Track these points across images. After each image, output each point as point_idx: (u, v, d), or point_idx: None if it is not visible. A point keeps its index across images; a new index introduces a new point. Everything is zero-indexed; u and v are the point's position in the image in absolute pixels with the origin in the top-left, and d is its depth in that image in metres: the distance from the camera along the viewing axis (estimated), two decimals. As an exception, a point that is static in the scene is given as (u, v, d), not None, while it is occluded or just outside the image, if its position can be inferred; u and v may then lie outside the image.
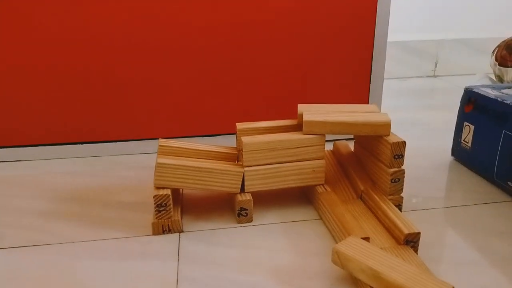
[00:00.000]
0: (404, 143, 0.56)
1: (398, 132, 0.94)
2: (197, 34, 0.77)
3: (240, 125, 0.62)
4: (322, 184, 0.61)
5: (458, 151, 0.77)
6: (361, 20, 0.80)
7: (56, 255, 0.53)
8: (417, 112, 1.07)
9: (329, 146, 0.77)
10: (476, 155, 0.71)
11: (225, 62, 0.79)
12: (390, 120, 0.58)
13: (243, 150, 0.57)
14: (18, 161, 0.80)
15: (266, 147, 0.58)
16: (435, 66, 1.38)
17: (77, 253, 0.53)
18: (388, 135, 0.58)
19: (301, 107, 0.63)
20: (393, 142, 0.56)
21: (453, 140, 0.78)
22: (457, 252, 0.53)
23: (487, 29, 1.37)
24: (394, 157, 0.57)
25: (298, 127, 0.63)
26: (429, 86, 1.31)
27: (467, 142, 0.73)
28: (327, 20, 0.79)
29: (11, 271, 0.50)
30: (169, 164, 0.56)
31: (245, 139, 0.58)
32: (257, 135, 0.59)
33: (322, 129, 0.58)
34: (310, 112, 0.60)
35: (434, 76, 1.39)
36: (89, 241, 0.56)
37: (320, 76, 0.82)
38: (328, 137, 0.83)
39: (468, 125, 0.73)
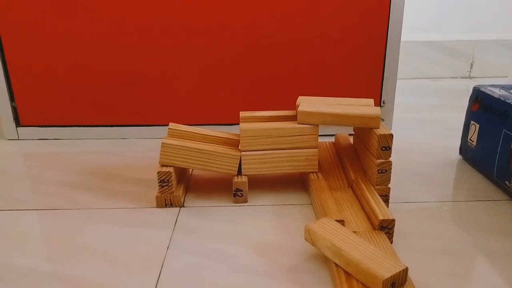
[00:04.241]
0: (391, 135, 0.59)
1: (413, 130, 0.96)
2: (212, 32, 0.83)
3: (243, 113, 0.67)
4: (316, 172, 0.65)
5: (465, 150, 0.77)
6: (374, 18, 0.82)
7: (69, 218, 0.61)
8: (440, 112, 1.07)
9: (331, 139, 0.80)
10: (479, 154, 0.71)
11: (241, 59, 0.84)
12: (380, 114, 0.60)
13: (240, 135, 0.62)
14: (56, 139, 0.90)
15: (262, 134, 0.63)
16: (471, 67, 1.35)
17: (89, 218, 0.61)
18: (378, 128, 0.60)
19: (300, 99, 0.67)
20: (380, 134, 0.59)
21: (461, 139, 0.78)
22: (436, 243, 0.55)
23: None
24: (382, 149, 0.59)
25: (296, 117, 0.67)
26: (462, 87, 1.29)
27: (473, 141, 0.73)
28: (340, 17, 0.82)
29: (30, 229, 0.58)
30: (172, 145, 0.62)
31: (242, 125, 0.63)
32: (256, 123, 0.64)
33: (315, 120, 0.62)
34: (307, 103, 0.64)
35: (470, 77, 1.36)
36: (101, 208, 0.63)
37: (333, 74, 0.85)
38: (331, 130, 0.86)
39: (474, 124, 0.73)
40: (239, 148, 0.66)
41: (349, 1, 0.81)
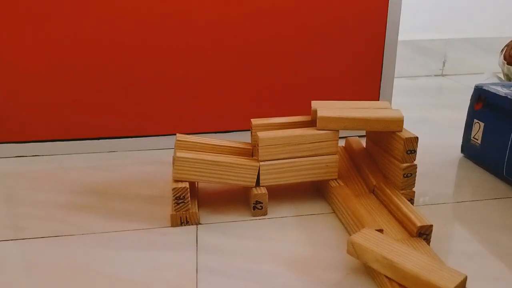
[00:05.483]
0: (416, 138, 0.58)
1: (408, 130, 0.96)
2: (210, 33, 0.78)
3: (255, 121, 0.64)
4: (335, 179, 0.63)
5: (467, 148, 0.78)
6: (372, 18, 0.81)
7: (77, 245, 0.55)
8: (426, 110, 1.08)
9: (341, 143, 0.78)
10: (486, 152, 0.72)
11: (237, 60, 0.81)
12: (403, 116, 0.59)
13: (259, 145, 0.59)
14: (35, 156, 0.82)
15: (281, 142, 0.59)
16: (443, 65, 1.39)
17: (98, 243, 0.55)
18: (401, 131, 0.59)
19: (314, 104, 0.64)
20: (406, 138, 0.57)
21: (463, 137, 0.79)
22: (467, 245, 0.55)
23: (495, 29, 1.38)
24: (407, 152, 0.58)
25: (311, 123, 0.64)
26: (437, 85, 1.32)
27: (477, 139, 0.74)
28: (339, 18, 0.80)
29: (33, 261, 0.52)
30: (187, 158, 0.57)
31: (261, 134, 0.59)
32: (272, 131, 0.61)
33: (335, 125, 0.60)
34: (324, 108, 0.62)
35: (442, 75, 1.40)
36: (109, 232, 0.57)
37: (332, 73, 0.84)
38: (339, 133, 0.84)
39: (478, 122, 0.74)
40: (253, 157, 0.62)
41: (348, 3, 0.79)
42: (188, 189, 0.57)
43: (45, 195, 0.67)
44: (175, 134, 0.83)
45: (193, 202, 0.61)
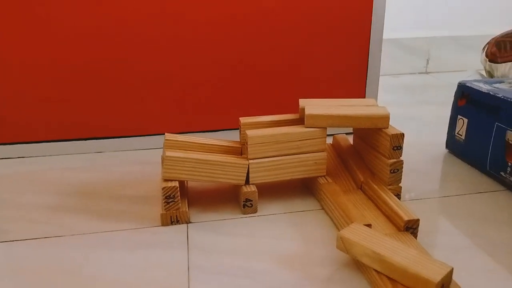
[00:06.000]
0: (402, 135, 0.59)
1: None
2: (198, 34, 0.79)
3: (243, 119, 0.64)
4: (324, 176, 0.64)
5: (452, 144, 0.79)
6: (357, 15, 0.82)
7: (67, 247, 0.54)
8: (410, 107, 1.10)
9: (328, 140, 0.79)
10: (470, 147, 0.74)
11: (225, 60, 0.81)
12: (389, 113, 0.60)
13: (248, 143, 0.59)
14: (21, 157, 0.81)
15: (270, 140, 0.60)
16: (427, 63, 1.41)
17: (88, 244, 0.55)
18: (387, 128, 0.60)
19: (302, 102, 0.65)
20: (392, 134, 0.58)
21: (447, 133, 0.80)
22: (453, 239, 0.56)
23: (477, 27, 1.41)
24: (393, 149, 0.59)
25: (299, 121, 0.65)
26: (421, 82, 1.34)
27: (461, 135, 0.76)
28: (325, 16, 0.81)
29: (21, 264, 0.51)
30: (177, 157, 0.57)
31: (249, 132, 0.60)
32: (261, 129, 0.61)
33: (323, 122, 0.61)
34: (312, 106, 0.62)
35: (426, 72, 1.42)
36: (98, 232, 0.57)
37: (318, 72, 0.85)
38: (327, 131, 0.85)
39: (461, 119, 0.76)
40: (243, 155, 0.63)
41: (333, 1, 0.80)
42: (178, 188, 0.57)
43: (32, 197, 0.67)
44: (164, 134, 0.83)
45: (183, 201, 0.61)
